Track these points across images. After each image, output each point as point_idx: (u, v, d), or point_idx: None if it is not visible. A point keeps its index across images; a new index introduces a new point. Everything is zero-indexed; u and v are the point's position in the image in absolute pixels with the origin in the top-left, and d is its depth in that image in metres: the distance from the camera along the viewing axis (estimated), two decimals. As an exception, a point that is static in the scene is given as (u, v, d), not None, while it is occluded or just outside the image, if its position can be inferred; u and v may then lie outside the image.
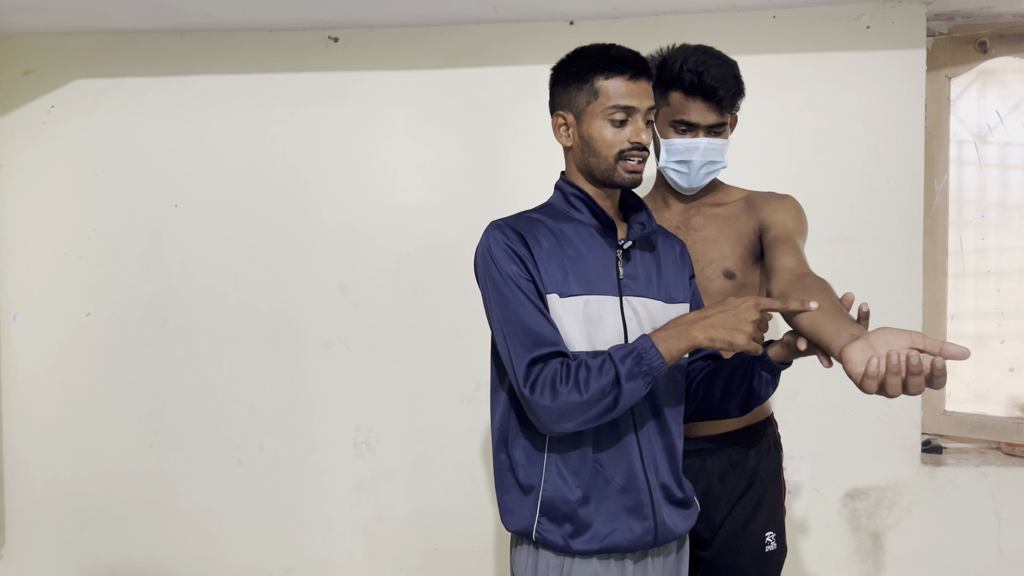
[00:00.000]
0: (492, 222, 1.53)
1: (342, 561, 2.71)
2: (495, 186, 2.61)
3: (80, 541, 2.77)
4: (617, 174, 1.51)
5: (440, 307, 2.64)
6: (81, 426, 2.75)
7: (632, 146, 1.49)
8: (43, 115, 2.72)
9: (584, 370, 1.39)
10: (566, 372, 1.40)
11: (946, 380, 1.15)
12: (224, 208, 2.69)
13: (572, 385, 1.38)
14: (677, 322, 1.41)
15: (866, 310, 1.36)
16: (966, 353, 1.13)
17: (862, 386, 1.17)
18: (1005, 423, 2.60)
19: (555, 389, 1.39)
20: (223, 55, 2.67)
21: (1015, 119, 2.60)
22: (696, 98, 1.72)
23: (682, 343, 1.39)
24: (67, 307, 2.74)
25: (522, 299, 1.45)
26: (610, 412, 1.40)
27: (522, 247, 1.48)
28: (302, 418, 2.69)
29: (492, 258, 1.48)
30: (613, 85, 1.48)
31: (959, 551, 2.50)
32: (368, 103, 2.64)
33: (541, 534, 1.48)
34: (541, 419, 1.41)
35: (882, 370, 1.15)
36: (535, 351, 1.42)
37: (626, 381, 1.38)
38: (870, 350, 1.18)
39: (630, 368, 1.38)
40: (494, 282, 1.47)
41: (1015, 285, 2.62)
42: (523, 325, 1.44)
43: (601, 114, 1.49)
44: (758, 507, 1.82)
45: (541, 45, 2.57)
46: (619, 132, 1.49)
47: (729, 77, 1.72)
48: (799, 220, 1.76)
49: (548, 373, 1.40)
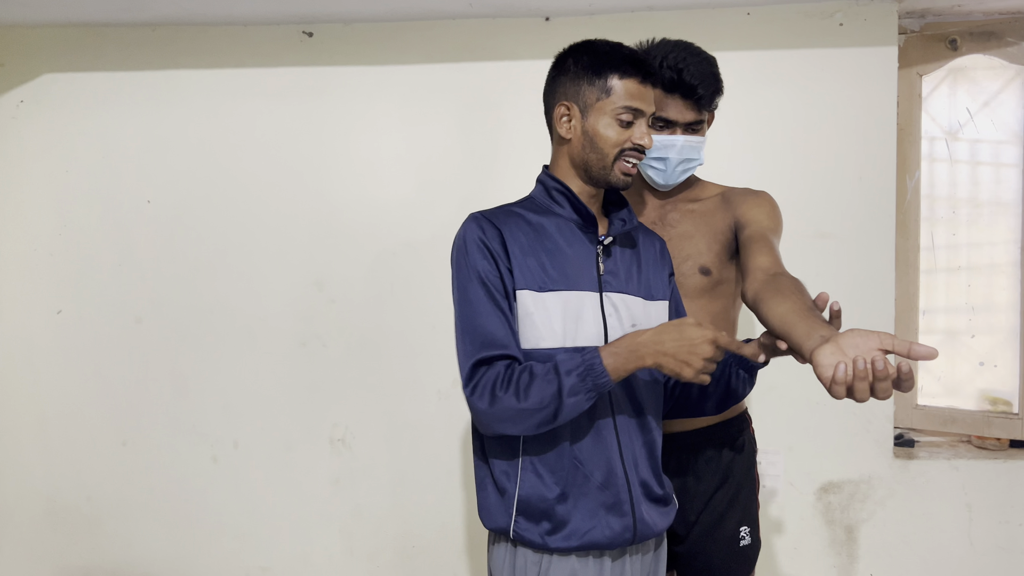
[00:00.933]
0: (471, 214, 1.52)
1: (319, 559, 2.69)
2: (472, 182, 2.60)
3: (52, 541, 2.74)
4: (612, 174, 1.51)
5: (417, 303, 2.63)
6: (53, 425, 2.72)
7: (634, 146, 1.49)
8: (12, 109, 2.68)
9: (527, 376, 1.40)
10: (508, 377, 1.40)
11: (913, 384, 1.17)
12: (198, 204, 2.66)
13: (512, 391, 1.39)
14: (631, 340, 1.40)
15: (837, 308, 1.36)
16: (934, 353, 1.15)
17: (831, 391, 1.18)
18: (976, 416, 2.63)
19: (494, 394, 1.40)
20: (196, 49, 2.64)
21: (985, 116, 2.64)
22: (675, 95, 1.72)
23: (630, 363, 1.39)
24: (38, 304, 2.70)
25: (483, 297, 1.45)
26: (549, 423, 1.40)
27: (497, 243, 1.47)
28: (278, 415, 2.67)
29: (465, 251, 1.48)
30: (627, 86, 1.47)
31: (931, 543, 2.54)
32: (343, 98, 2.62)
33: (519, 532, 1.47)
34: (480, 420, 1.44)
35: (849, 376, 1.16)
36: (482, 352, 1.42)
37: (568, 396, 1.38)
38: (839, 353, 1.18)
39: (573, 383, 1.38)
40: (460, 276, 1.48)
41: (985, 280, 2.65)
42: (476, 324, 1.44)
43: (610, 112, 1.48)
44: (732, 502, 1.83)
45: (517, 41, 2.56)
46: (624, 132, 1.49)
47: (708, 75, 1.71)
48: (774, 217, 1.77)
49: (490, 376, 1.41)
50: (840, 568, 2.57)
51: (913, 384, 1.17)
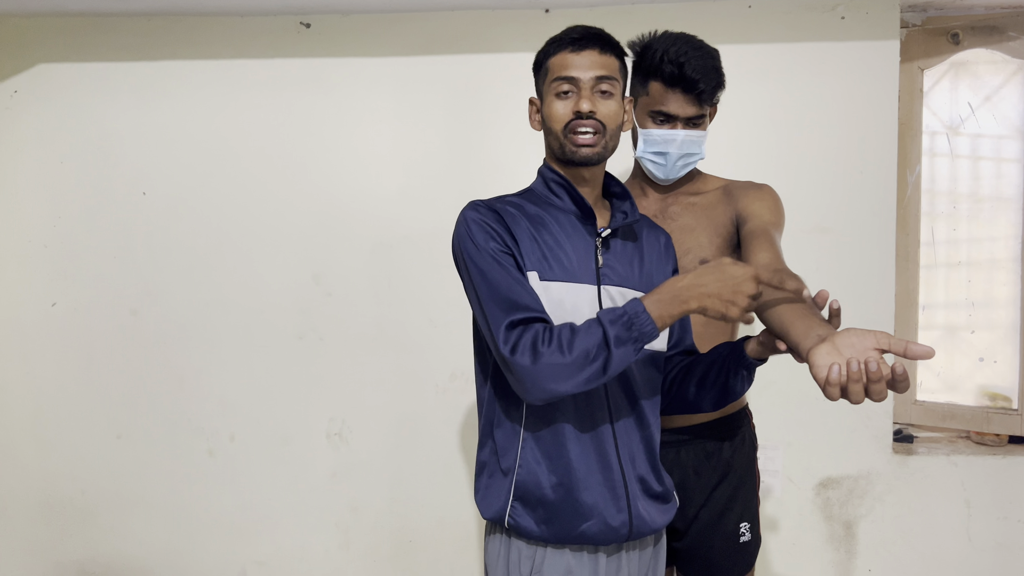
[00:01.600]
0: (469, 203, 1.50)
1: (316, 554, 2.68)
2: (471, 174, 2.59)
3: (47, 535, 2.73)
4: (568, 148, 1.48)
5: (415, 297, 2.61)
6: (48, 418, 2.70)
7: (575, 116, 1.47)
8: (6, 100, 2.66)
9: (568, 331, 1.35)
10: (548, 333, 1.35)
11: (908, 385, 1.16)
12: (194, 196, 2.64)
13: (555, 346, 1.33)
14: (671, 286, 1.36)
15: (837, 307, 1.35)
16: (931, 352, 1.14)
17: (825, 393, 1.17)
18: (975, 412, 2.63)
19: (536, 350, 1.33)
20: (192, 40, 2.62)
21: (986, 111, 2.62)
22: (676, 90, 1.70)
23: (675, 308, 1.34)
24: (32, 297, 2.68)
25: (500, 270, 1.41)
26: (599, 378, 1.34)
27: (499, 224, 1.46)
28: (274, 409, 2.66)
29: (470, 234, 1.45)
30: (557, 60, 1.49)
31: (930, 538, 2.54)
32: (341, 90, 2.60)
33: (514, 519, 1.47)
34: (524, 382, 1.35)
35: (843, 377, 1.15)
36: (513, 314, 1.37)
37: (615, 346, 1.32)
38: (835, 354, 1.18)
39: (619, 332, 1.33)
40: (471, 257, 1.43)
41: (985, 276, 2.64)
42: (501, 292, 1.39)
43: (550, 91, 1.50)
44: (733, 498, 1.82)
45: (516, 32, 2.55)
46: (565, 104, 1.48)
47: (710, 69, 1.70)
48: (776, 211, 1.75)
49: (529, 335, 1.35)
50: (838, 564, 2.57)
51: (908, 386, 1.16)
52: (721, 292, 1.32)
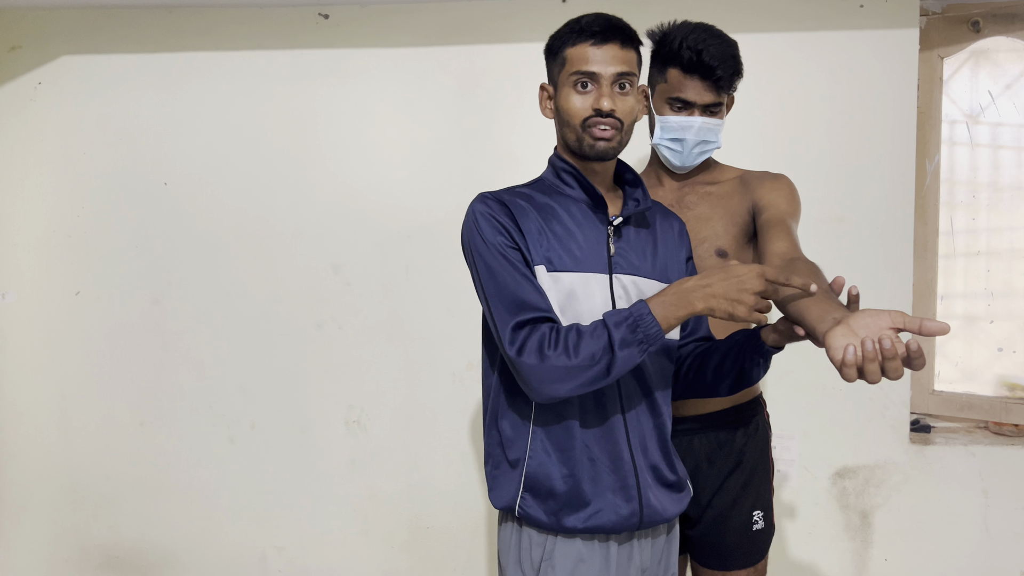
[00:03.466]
0: (478, 194, 1.51)
1: (334, 540, 2.71)
2: (487, 164, 2.59)
3: (72, 520, 2.77)
4: (585, 143, 1.49)
5: (432, 286, 2.63)
6: (72, 405, 2.74)
7: (595, 113, 1.47)
8: (30, 92, 2.69)
9: (575, 334, 1.36)
10: (555, 336, 1.37)
11: (924, 362, 1.16)
12: (214, 186, 2.67)
13: (561, 349, 1.35)
14: (677, 288, 1.37)
15: (856, 293, 1.35)
16: (946, 328, 1.14)
17: (841, 374, 1.17)
18: (993, 402, 2.62)
19: (542, 352, 1.35)
20: (212, 31, 2.64)
21: (1007, 99, 2.60)
22: (693, 76, 1.71)
23: (680, 311, 1.36)
24: (56, 286, 2.72)
25: (508, 268, 1.42)
26: (602, 379, 1.37)
27: (507, 218, 1.46)
28: (294, 397, 2.69)
29: (477, 228, 1.46)
30: (577, 52, 1.47)
31: (947, 529, 2.53)
32: (359, 80, 2.62)
33: (524, 510, 1.48)
34: (530, 382, 1.37)
35: (859, 357, 1.15)
36: (520, 315, 1.39)
37: (619, 348, 1.34)
38: (850, 335, 1.17)
39: (624, 335, 1.35)
40: (479, 252, 1.45)
41: (1005, 265, 2.63)
42: (508, 292, 1.41)
43: (567, 82, 1.48)
44: (746, 486, 1.82)
45: (534, 22, 2.55)
46: (584, 99, 1.47)
47: (728, 57, 1.70)
48: (792, 201, 1.75)
49: (536, 336, 1.37)
50: (854, 553, 2.57)
51: (924, 362, 1.15)
52: (727, 292, 1.33)
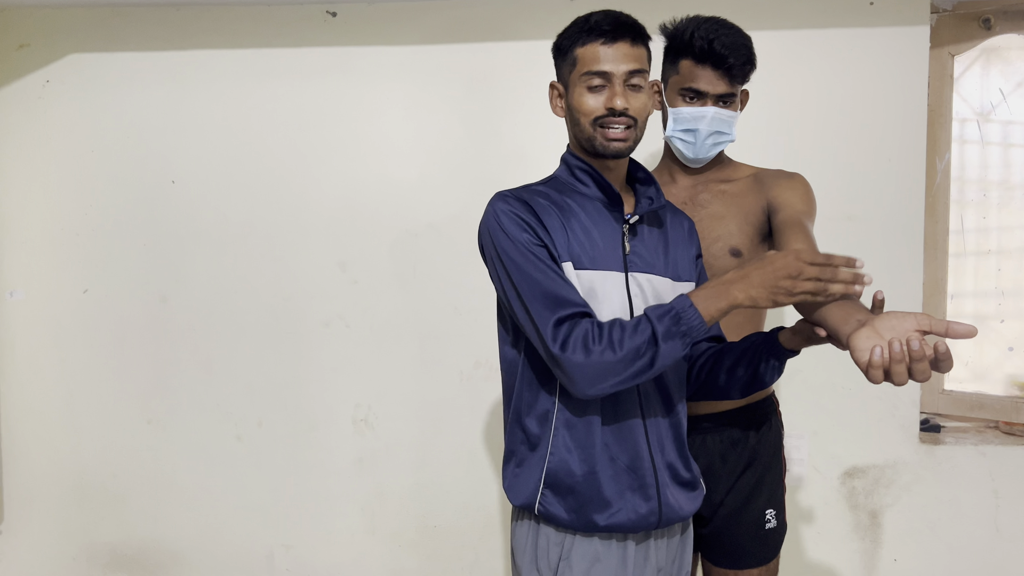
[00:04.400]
0: (496, 193, 1.50)
1: (342, 538, 2.71)
2: (495, 162, 2.59)
3: (79, 518, 2.77)
4: (598, 142, 1.48)
5: (440, 284, 2.63)
6: (79, 403, 2.75)
7: (608, 112, 1.46)
8: (38, 90, 2.69)
9: (618, 329, 1.35)
10: (598, 331, 1.35)
11: (952, 363, 1.14)
12: (222, 184, 2.67)
13: (606, 343, 1.34)
14: (717, 281, 1.36)
15: (881, 298, 1.33)
16: (973, 331, 1.12)
17: (868, 376, 1.15)
18: (1004, 402, 2.60)
19: (587, 347, 1.34)
20: (220, 29, 2.64)
21: (1018, 97, 2.59)
22: (705, 66, 1.70)
23: (722, 303, 1.34)
24: (64, 284, 2.73)
25: (538, 264, 1.41)
26: (646, 372, 1.35)
27: (531, 215, 1.45)
28: (301, 395, 2.69)
29: (501, 227, 1.44)
30: (588, 51, 1.46)
31: (957, 529, 2.52)
32: (367, 78, 2.61)
33: (544, 506, 1.47)
34: (575, 379, 1.36)
35: (886, 358, 1.14)
36: (559, 311, 1.37)
37: (663, 341, 1.33)
38: (876, 337, 1.16)
39: (668, 327, 1.33)
40: (506, 251, 1.43)
41: (1015, 264, 2.61)
42: (542, 288, 1.39)
43: (579, 82, 1.47)
44: (759, 485, 1.82)
45: (541, 20, 2.54)
46: (597, 98, 1.46)
47: (740, 46, 1.69)
48: (808, 201, 1.74)
49: (579, 332, 1.36)
50: (864, 553, 2.56)
51: (952, 364, 1.14)
52: (765, 280, 1.31)
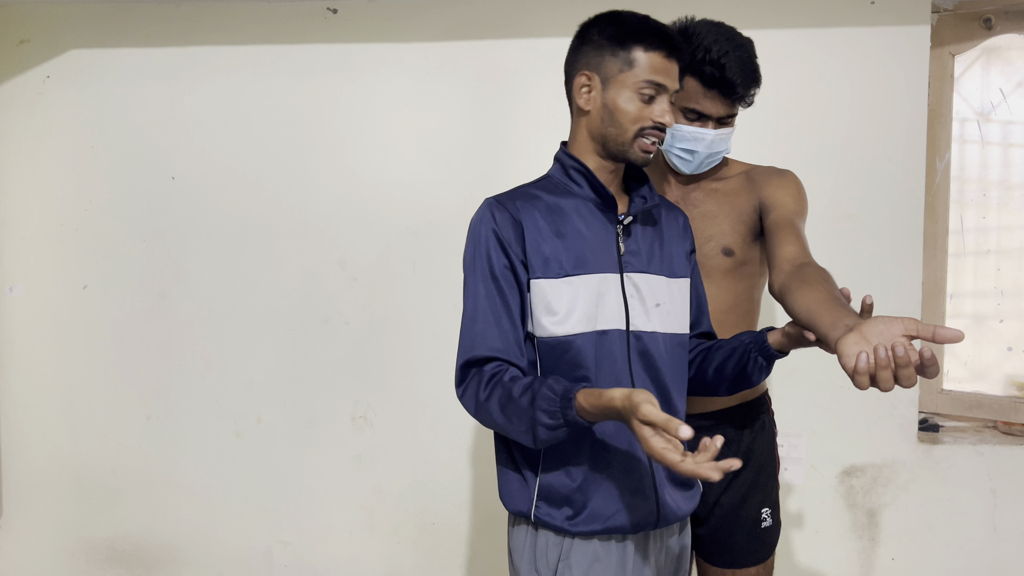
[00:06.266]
0: (486, 200, 1.49)
1: (340, 535, 2.72)
2: (495, 160, 2.59)
3: (78, 513, 2.78)
4: (632, 151, 1.46)
5: (439, 282, 2.63)
6: (79, 399, 2.75)
7: (655, 125, 1.44)
8: (38, 85, 2.69)
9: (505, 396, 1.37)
10: (491, 386, 1.39)
11: (938, 370, 1.15)
12: (222, 181, 2.67)
13: (496, 402, 1.38)
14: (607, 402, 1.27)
15: (870, 303, 1.34)
16: (960, 336, 1.12)
17: (854, 382, 1.15)
18: (1002, 402, 2.60)
19: (478, 400, 1.40)
20: (221, 26, 2.64)
21: (1018, 97, 2.58)
22: (712, 91, 1.67)
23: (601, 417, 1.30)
24: (64, 279, 2.73)
25: (487, 297, 1.44)
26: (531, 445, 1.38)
27: (511, 232, 1.45)
28: (300, 392, 2.69)
29: (476, 241, 1.47)
30: (651, 59, 1.42)
31: (955, 528, 2.52)
32: (367, 76, 2.61)
33: (540, 517, 1.46)
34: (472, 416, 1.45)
35: (871, 365, 1.14)
36: (473, 352, 1.42)
37: (540, 433, 1.33)
38: (863, 342, 1.16)
39: (546, 423, 1.32)
40: (469, 270, 1.48)
41: (1015, 264, 2.61)
42: (476, 322, 1.44)
43: (632, 85, 1.43)
44: (754, 484, 1.82)
45: (543, 18, 2.54)
46: (645, 108, 1.43)
47: (749, 70, 1.66)
48: (800, 199, 1.74)
49: (475, 381, 1.42)
50: (861, 552, 2.56)
51: (938, 370, 1.14)
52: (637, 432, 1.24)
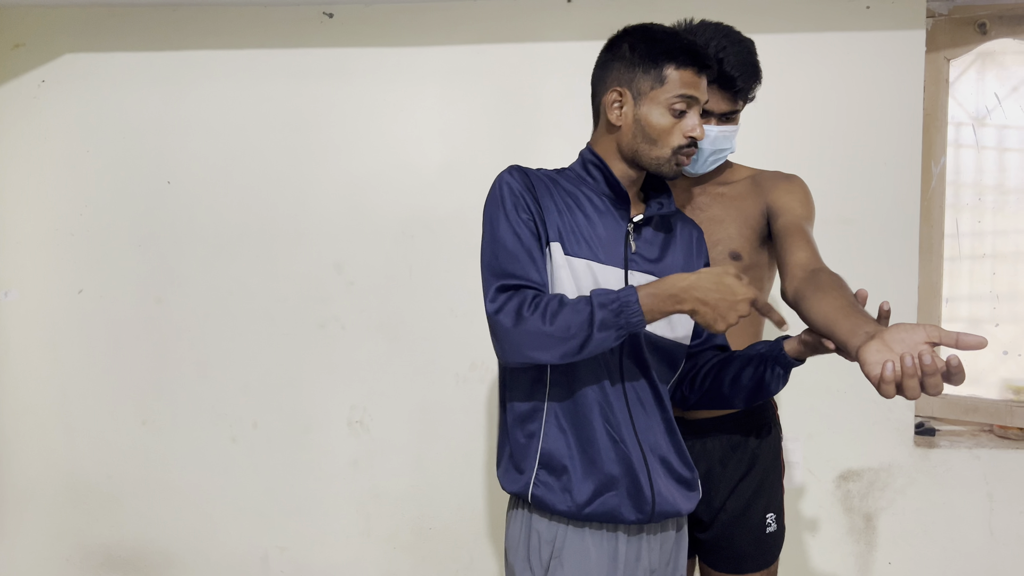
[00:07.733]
0: (510, 166, 1.53)
1: (336, 540, 2.71)
2: (491, 164, 2.57)
3: (73, 519, 2.77)
4: (668, 166, 1.50)
5: (436, 286, 2.62)
6: (74, 404, 2.74)
7: (689, 142, 1.48)
8: (33, 89, 2.68)
9: (556, 303, 1.37)
10: (535, 301, 1.38)
11: (964, 377, 1.13)
12: (218, 185, 2.66)
13: (539, 314, 1.36)
14: (671, 283, 1.36)
15: (887, 308, 1.33)
16: (984, 342, 1.12)
17: (880, 391, 1.15)
18: (998, 406, 2.61)
19: (520, 313, 1.37)
20: (217, 30, 2.64)
21: (1013, 101, 2.60)
22: (712, 86, 1.67)
23: (668, 306, 1.35)
24: (59, 284, 2.72)
25: (512, 238, 1.44)
26: (574, 354, 1.37)
27: (530, 195, 1.48)
28: (296, 397, 2.68)
29: (500, 196, 1.48)
30: (683, 76, 1.46)
31: (951, 532, 2.52)
32: (363, 80, 2.61)
33: (538, 488, 1.48)
34: (502, 344, 1.40)
35: (898, 373, 1.14)
36: (507, 279, 1.42)
37: (598, 329, 1.34)
38: (886, 351, 1.16)
39: (605, 317, 1.34)
40: (491, 218, 1.47)
41: (1010, 268, 2.62)
42: (503, 258, 1.43)
43: (664, 102, 1.46)
44: (759, 489, 1.82)
45: (539, 22, 2.54)
46: (677, 124, 1.47)
47: (748, 64, 1.68)
48: (807, 204, 1.74)
49: (517, 299, 1.38)
50: (858, 556, 2.56)
51: (964, 377, 1.13)
52: (718, 304, 1.33)
